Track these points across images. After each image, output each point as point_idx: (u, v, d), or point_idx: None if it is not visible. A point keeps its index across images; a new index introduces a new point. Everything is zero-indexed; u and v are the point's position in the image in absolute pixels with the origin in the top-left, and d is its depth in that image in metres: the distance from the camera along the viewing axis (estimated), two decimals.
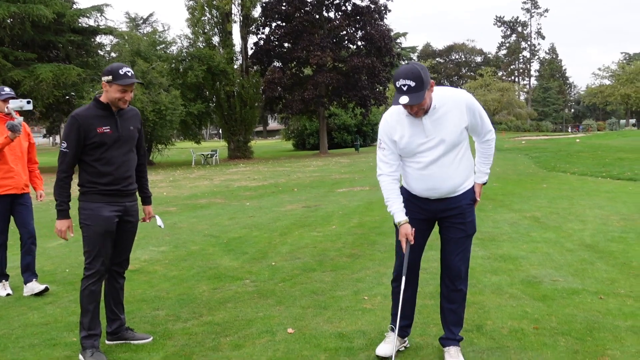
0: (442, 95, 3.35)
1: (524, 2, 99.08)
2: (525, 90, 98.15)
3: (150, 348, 4.01)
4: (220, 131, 70.77)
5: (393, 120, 3.46)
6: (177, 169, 29.06)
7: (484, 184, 3.64)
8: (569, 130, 73.87)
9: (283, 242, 7.66)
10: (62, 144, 3.77)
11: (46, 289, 5.48)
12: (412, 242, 3.47)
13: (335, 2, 39.32)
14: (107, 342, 4.13)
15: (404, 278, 3.48)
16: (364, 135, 50.04)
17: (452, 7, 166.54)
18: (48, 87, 27.39)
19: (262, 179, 19.84)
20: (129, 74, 3.76)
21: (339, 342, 3.97)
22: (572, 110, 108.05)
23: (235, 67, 38.88)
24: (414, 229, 3.47)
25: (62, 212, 3.84)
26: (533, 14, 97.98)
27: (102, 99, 3.84)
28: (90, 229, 3.82)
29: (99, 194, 3.84)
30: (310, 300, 4.97)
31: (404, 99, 3.12)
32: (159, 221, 4.44)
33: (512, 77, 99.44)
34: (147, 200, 4.32)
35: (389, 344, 3.69)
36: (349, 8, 38.92)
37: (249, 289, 5.44)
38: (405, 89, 3.12)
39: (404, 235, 3.45)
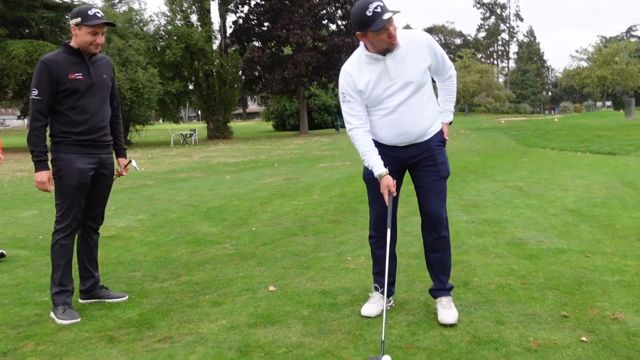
0: (403, 37, 3.21)
1: None
2: (504, 72, 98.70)
3: (126, 306, 3.84)
4: (200, 113, 70.03)
5: (354, 70, 3.29)
6: (155, 148, 28.61)
7: (450, 123, 3.56)
8: (547, 112, 74.52)
9: (263, 210, 7.50)
10: (33, 92, 3.53)
11: (2, 255, 5.23)
12: (395, 194, 3.34)
13: None
14: (80, 300, 3.94)
15: (389, 231, 3.35)
16: None
17: None
18: (20, 64, 26.60)
19: (242, 155, 19.60)
20: (99, 14, 3.55)
21: (322, 298, 3.85)
22: (550, 93, 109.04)
23: (214, 46, 38.34)
24: (394, 180, 3.35)
25: (41, 163, 3.61)
26: None
27: (72, 44, 3.62)
28: (63, 181, 3.63)
29: (73, 145, 3.63)
30: (292, 261, 4.84)
31: (388, 14, 3.00)
32: (134, 163, 4.25)
33: (491, 60, 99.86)
34: (121, 153, 4.10)
35: (374, 304, 3.56)
36: None
37: (229, 251, 5.29)
38: (379, 9, 3.00)
39: (385, 188, 3.30)
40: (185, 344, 3.14)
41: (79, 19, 3.52)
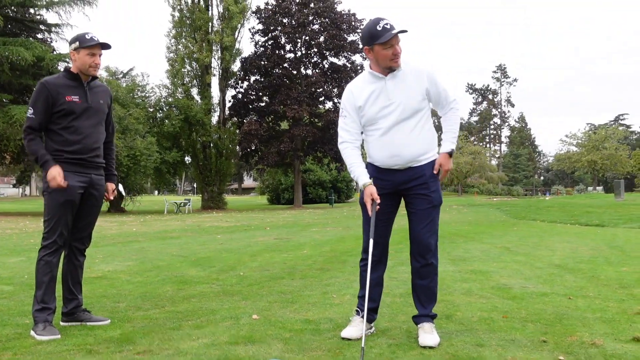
0: (407, 63, 3.47)
1: (494, 72, 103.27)
2: (497, 155, 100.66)
3: (107, 327, 3.82)
4: (195, 186, 70.46)
5: (357, 89, 3.53)
6: (148, 215, 28.62)
7: (450, 154, 3.59)
8: (539, 195, 75.35)
9: (253, 260, 7.52)
10: (29, 111, 3.70)
11: None
12: (378, 202, 3.43)
13: (313, 61, 40.43)
14: (61, 323, 3.92)
15: (371, 241, 3.42)
16: (339, 192, 50.34)
17: None
18: (21, 128, 27.08)
19: (235, 221, 19.64)
20: (95, 38, 3.76)
21: (305, 325, 3.85)
22: (542, 177, 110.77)
23: (213, 118, 39.23)
24: (386, 203, 3.47)
25: (48, 162, 3.66)
26: (503, 83, 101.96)
27: (72, 69, 3.82)
28: (52, 197, 3.70)
29: (64, 162, 3.73)
30: (277, 297, 4.85)
31: (394, 30, 3.25)
32: (120, 188, 4.36)
33: (484, 143, 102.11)
34: (111, 178, 4.19)
35: (354, 327, 3.58)
36: (326, 66, 40.01)
37: (215, 289, 5.29)
38: (388, 27, 3.27)
39: (369, 196, 3.42)
40: (164, 356, 3.13)
41: (77, 44, 3.74)
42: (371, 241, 3.42)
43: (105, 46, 3.81)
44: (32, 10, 32.22)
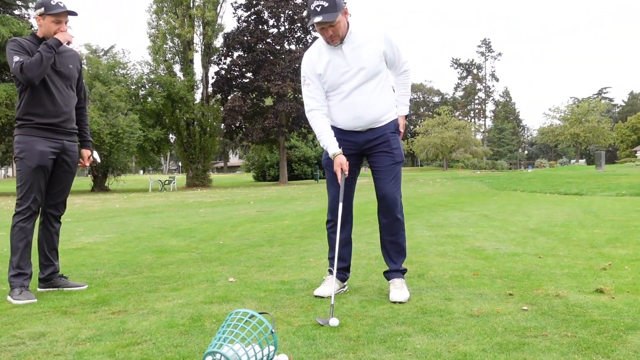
0: (360, 25, 3.48)
1: (479, 46, 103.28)
2: (482, 130, 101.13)
3: (84, 291, 3.88)
4: (180, 165, 70.16)
5: (315, 55, 3.54)
6: (132, 193, 28.50)
7: (406, 116, 3.72)
8: (522, 168, 76.08)
9: (233, 230, 7.58)
10: (14, 59, 3.58)
11: None
12: (347, 174, 3.50)
13: (296, 36, 40.08)
14: (38, 289, 3.95)
15: (341, 204, 3.50)
16: (324, 168, 50.37)
17: (411, 48, 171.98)
18: (1, 107, 26.68)
19: (219, 197, 19.66)
20: (61, 4, 3.70)
21: (280, 286, 3.92)
22: (526, 151, 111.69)
23: (196, 95, 38.91)
24: (349, 163, 3.53)
25: (49, 40, 3.64)
26: (487, 57, 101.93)
27: (38, 34, 3.78)
28: (23, 163, 3.69)
29: (34, 128, 3.72)
30: (255, 262, 4.92)
31: (318, 18, 3.24)
32: (95, 155, 4.29)
33: (468, 117, 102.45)
34: (86, 144, 4.17)
35: (327, 286, 3.65)
36: (310, 40, 39.67)
37: (194, 256, 5.35)
38: (319, 9, 3.24)
39: (339, 165, 3.47)
40: (139, 315, 3.19)
41: (42, 9, 3.67)
42: (340, 205, 3.50)
43: (72, 13, 3.75)
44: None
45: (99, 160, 4.38)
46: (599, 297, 3.35)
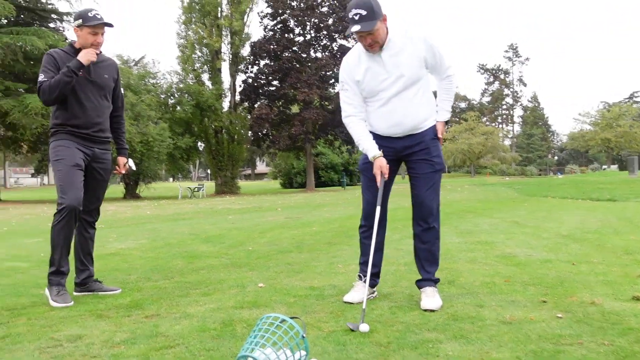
0: (401, 32, 3.43)
1: (506, 51, 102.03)
2: (510, 135, 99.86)
3: (118, 295, 3.95)
4: (209, 173, 70.93)
5: (353, 61, 3.53)
6: (162, 200, 28.92)
7: (447, 122, 3.68)
8: (552, 174, 74.77)
9: (262, 236, 7.63)
10: (40, 77, 3.72)
11: None
12: (387, 177, 3.48)
13: (322, 43, 40.24)
14: (74, 293, 4.04)
15: (378, 208, 3.49)
16: (350, 174, 50.33)
17: None
18: (37, 117, 27.37)
19: (247, 204, 19.81)
20: (98, 16, 3.78)
21: (310, 291, 3.93)
22: (556, 157, 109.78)
23: (224, 103, 39.36)
24: (387, 164, 3.51)
25: (74, 61, 3.72)
26: (515, 62, 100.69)
27: (76, 44, 3.88)
28: (59, 163, 3.77)
29: (68, 134, 3.83)
30: (284, 268, 4.94)
31: (356, 27, 3.21)
32: (130, 162, 4.38)
33: (496, 123, 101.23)
34: (122, 152, 4.26)
35: (357, 292, 3.65)
36: (336, 48, 39.79)
37: (224, 262, 5.40)
38: (357, 18, 3.21)
39: (378, 168, 3.46)
40: (171, 319, 3.23)
41: (80, 21, 3.78)
42: (378, 208, 3.49)
43: (108, 25, 3.83)
44: (43, 0, 32.38)
45: (134, 168, 4.47)
46: (636, 305, 3.28)
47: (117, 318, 3.29)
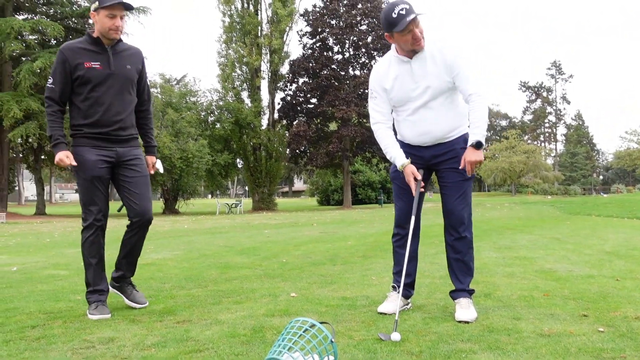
0: (432, 42, 3.36)
1: (549, 68, 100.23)
2: (552, 154, 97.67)
3: (152, 302, 3.97)
4: (247, 189, 71.72)
5: (383, 70, 3.50)
6: (200, 215, 29.32)
7: (475, 146, 3.32)
8: (596, 194, 72.60)
9: (296, 249, 7.62)
10: (49, 80, 3.46)
11: None
12: (420, 178, 3.42)
13: (360, 61, 40.39)
14: (110, 288, 3.80)
15: (413, 218, 3.44)
16: (388, 192, 50.00)
17: (476, 71, 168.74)
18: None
19: (283, 219, 19.87)
20: None
21: (342, 301, 3.89)
22: (601, 176, 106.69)
23: (263, 120, 39.79)
24: (420, 169, 3.46)
25: (59, 145, 3.45)
26: (558, 80, 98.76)
27: (94, 33, 3.53)
28: (78, 176, 3.52)
29: (84, 138, 3.50)
30: (317, 279, 4.91)
31: (411, 16, 3.15)
32: (158, 164, 4.00)
33: (538, 141, 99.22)
34: (150, 151, 3.89)
35: (391, 303, 3.59)
36: (374, 66, 39.82)
37: (258, 273, 5.40)
38: (403, 12, 3.17)
39: (410, 175, 3.41)
40: (202, 325, 3.24)
41: (96, 4, 3.43)
42: (413, 218, 3.44)
43: (128, 6, 3.48)
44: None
45: (161, 170, 4.10)
46: None
47: (149, 323, 3.31)
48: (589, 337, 2.83)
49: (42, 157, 33.26)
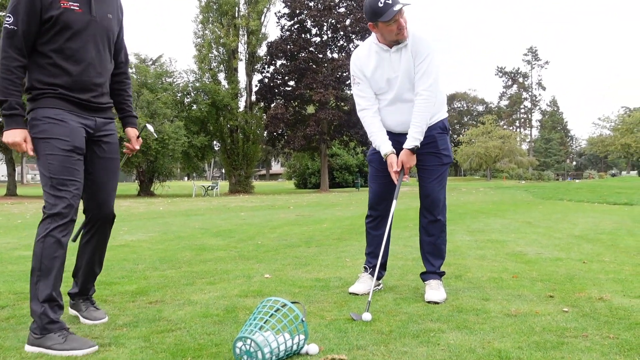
0: (411, 33, 3.34)
1: (525, 54, 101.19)
2: (527, 140, 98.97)
3: (124, 282, 3.96)
4: (223, 172, 71.36)
5: (364, 55, 3.49)
6: (176, 198, 29.10)
7: (412, 150, 3.36)
8: (569, 179, 73.94)
9: (272, 232, 7.63)
10: (7, 19, 2.53)
11: None
12: (399, 169, 3.43)
13: (339, 44, 40.25)
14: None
15: (395, 202, 3.47)
16: (365, 176, 50.25)
17: (454, 56, 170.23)
18: None
19: (260, 202, 19.86)
20: None
21: (315, 282, 3.92)
22: (575, 162, 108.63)
23: (240, 103, 39.50)
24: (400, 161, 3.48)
25: (13, 118, 2.53)
26: (534, 66, 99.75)
27: None
28: (47, 145, 2.55)
29: (59, 99, 2.62)
30: (291, 261, 4.94)
31: (399, 6, 3.13)
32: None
33: (514, 127, 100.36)
34: (130, 122, 3.05)
35: (362, 283, 3.63)
36: (352, 49, 39.74)
37: (232, 254, 5.41)
38: (390, 1, 3.14)
39: (391, 167, 3.43)
40: (175, 305, 3.24)
41: None
42: (394, 202, 3.47)
43: None
44: None
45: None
46: None
47: (121, 303, 3.31)
48: (553, 316, 2.90)
49: None
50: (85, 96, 2.67)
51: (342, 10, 39.17)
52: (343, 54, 39.89)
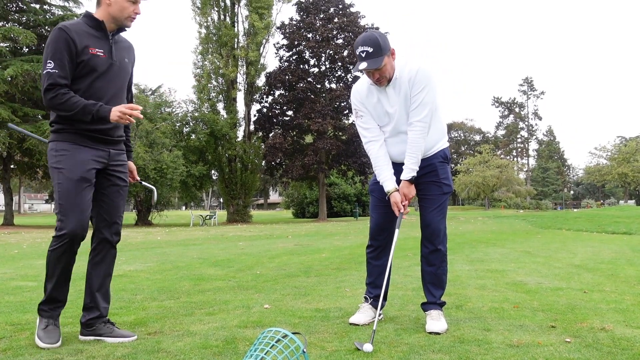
0: (405, 66, 3.40)
1: (521, 85, 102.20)
2: (525, 169, 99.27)
3: (122, 313, 3.93)
4: (222, 201, 71.37)
5: (364, 89, 3.55)
6: (174, 227, 28.99)
7: (409, 180, 3.43)
8: (567, 209, 73.93)
9: (271, 261, 7.59)
10: (47, 65, 2.90)
11: None
12: (402, 210, 3.45)
13: (337, 75, 40.67)
14: (80, 337, 3.20)
15: (397, 231, 3.48)
16: (363, 205, 50.21)
17: (450, 87, 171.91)
18: None
19: (258, 231, 19.79)
20: None
21: (315, 313, 3.89)
22: (572, 191, 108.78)
23: (239, 132, 39.69)
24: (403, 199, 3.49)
25: (102, 107, 2.93)
26: (530, 96, 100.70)
27: (98, 15, 3.06)
28: (62, 175, 2.95)
29: (76, 134, 3.00)
30: (291, 291, 4.91)
31: (363, 65, 3.22)
32: (155, 191, 3.91)
33: (511, 156, 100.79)
34: (129, 156, 3.44)
35: (362, 314, 3.62)
36: (350, 79, 40.16)
37: (231, 284, 5.37)
38: (364, 55, 3.23)
39: (394, 205, 3.45)
40: (174, 336, 3.21)
41: None
42: (397, 231, 3.48)
43: None
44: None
45: (155, 198, 3.95)
46: None
47: None
48: (556, 347, 2.88)
49: (12, 166, 32.61)
50: (104, 128, 3.06)
51: (340, 41, 39.68)
52: (341, 84, 40.28)
